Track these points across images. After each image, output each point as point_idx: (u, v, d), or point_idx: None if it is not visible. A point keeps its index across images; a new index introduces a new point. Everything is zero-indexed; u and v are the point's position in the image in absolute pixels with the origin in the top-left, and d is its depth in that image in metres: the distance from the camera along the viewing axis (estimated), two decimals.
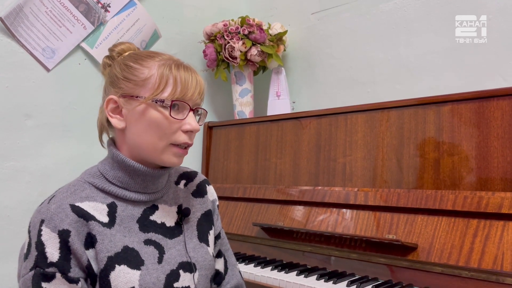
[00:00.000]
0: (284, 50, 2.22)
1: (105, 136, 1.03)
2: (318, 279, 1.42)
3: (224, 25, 2.10)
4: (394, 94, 1.87)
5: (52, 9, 1.80)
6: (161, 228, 0.99)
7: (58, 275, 0.85)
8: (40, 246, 0.85)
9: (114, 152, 0.96)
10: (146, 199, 0.98)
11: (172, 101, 0.92)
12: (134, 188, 0.97)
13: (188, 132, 0.95)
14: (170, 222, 1.01)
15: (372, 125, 1.59)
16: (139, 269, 0.91)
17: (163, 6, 2.14)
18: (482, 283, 1.20)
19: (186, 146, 0.96)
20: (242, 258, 1.70)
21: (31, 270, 0.86)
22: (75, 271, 0.87)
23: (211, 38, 2.16)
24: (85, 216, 0.89)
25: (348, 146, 1.65)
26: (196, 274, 1.00)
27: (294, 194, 1.73)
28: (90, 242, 0.89)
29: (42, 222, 0.86)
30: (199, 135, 2.19)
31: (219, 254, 1.14)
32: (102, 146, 1.03)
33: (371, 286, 1.34)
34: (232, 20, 2.12)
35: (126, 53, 1.00)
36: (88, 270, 0.89)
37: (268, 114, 2.13)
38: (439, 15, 1.76)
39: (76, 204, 0.90)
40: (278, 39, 2.14)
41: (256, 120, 2.00)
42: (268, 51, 2.09)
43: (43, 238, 0.85)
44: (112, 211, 0.94)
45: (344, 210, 1.57)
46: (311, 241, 1.60)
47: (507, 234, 1.21)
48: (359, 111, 1.63)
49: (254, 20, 2.10)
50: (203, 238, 1.05)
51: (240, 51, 2.07)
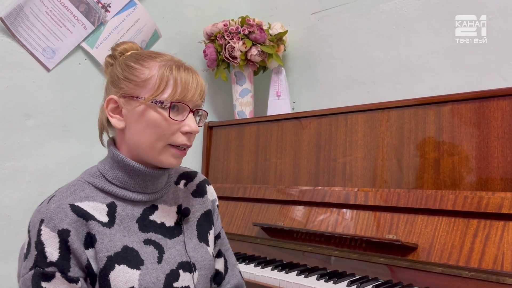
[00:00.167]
0: (284, 50, 2.22)
1: (105, 136, 1.03)
2: (318, 279, 1.42)
3: (224, 25, 2.10)
4: (394, 94, 1.87)
5: (52, 9, 1.80)
6: (160, 228, 0.99)
7: (58, 274, 0.86)
8: (40, 245, 0.85)
9: (114, 152, 0.96)
10: (146, 199, 0.98)
11: (172, 102, 0.92)
12: (133, 188, 0.97)
13: (187, 134, 0.95)
14: (170, 222, 1.01)
15: (372, 125, 1.59)
16: (138, 268, 0.91)
17: (163, 6, 2.14)
18: (482, 283, 1.20)
19: (185, 148, 0.96)
20: (242, 258, 1.70)
21: (30, 269, 0.86)
22: (74, 271, 0.87)
23: (211, 38, 2.16)
24: (84, 215, 0.89)
25: (348, 146, 1.65)
26: (195, 274, 1.00)
27: (294, 194, 1.73)
28: (90, 241, 0.89)
29: (42, 221, 0.86)
30: (199, 135, 2.19)
31: (219, 254, 1.14)
32: (103, 145, 1.03)
33: (371, 286, 1.34)
34: (232, 20, 2.12)
35: (129, 52, 1.00)
36: (87, 270, 0.89)
37: (268, 114, 2.12)
38: (439, 15, 1.76)
39: (76, 203, 0.90)
40: (278, 39, 2.14)
41: (256, 120, 2.00)
42: (268, 51, 2.09)
43: (43, 238, 0.85)
44: (111, 211, 0.94)
45: (344, 210, 1.57)
46: (311, 241, 1.60)
47: (507, 234, 1.21)
48: (359, 111, 1.63)
49: (254, 20, 2.10)
50: (203, 238, 1.05)
51: (240, 51, 2.07)
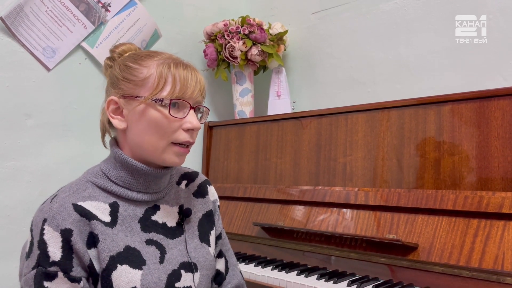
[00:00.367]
0: (285, 50, 2.22)
1: (107, 138, 1.02)
2: (318, 279, 1.42)
3: (224, 24, 2.10)
4: (394, 94, 1.87)
5: (52, 8, 1.80)
6: (162, 228, 0.99)
7: (60, 274, 0.85)
8: (43, 245, 0.85)
9: (117, 151, 0.96)
10: (148, 199, 0.98)
11: (171, 99, 0.92)
12: (136, 188, 0.97)
13: (189, 131, 0.95)
14: (172, 222, 1.01)
15: (373, 125, 1.59)
16: (140, 269, 0.91)
17: (164, 6, 2.14)
18: (483, 283, 1.20)
19: (188, 145, 0.96)
20: (243, 258, 1.70)
21: (33, 269, 0.86)
22: (77, 270, 0.87)
23: (212, 38, 2.16)
24: (87, 215, 0.89)
25: (348, 146, 1.65)
26: (197, 274, 1.00)
27: (294, 194, 1.73)
28: (92, 241, 0.89)
29: (45, 221, 0.86)
30: (199, 135, 2.19)
31: (220, 254, 1.14)
32: (105, 147, 1.02)
33: (371, 286, 1.34)
34: (233, 19, 2.12)
35: (127, 53, 1.00)
36: (90, 270, 0.89)
37: (269, 114, 2.12)
38: (439, 15, 1.76)
39: (79, 203, 0.90)
40: (279, 38, 2.14)
41: (257, 120, 2.00)
42: (269, 50, 2.09)
43: (46, 237, 0.85)
44: (114, 210, 0.94)
45: (344, 210, 1.57)
46: (311, 241, 1.60)
47: (507, 234, 1.21)
48: (359, 111, 1.64)
49: (254, 19, 2.10)
50: (204, 238, 1.05)
51: (241, 51, 2.07)
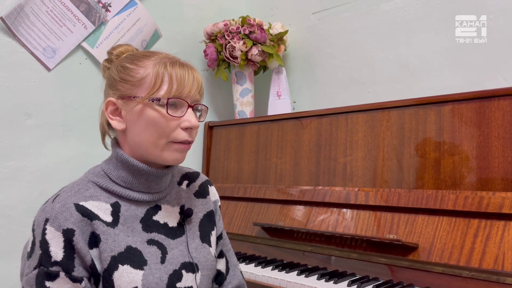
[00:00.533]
0: (285, 50, 2.22)
1: (107, 139, 1.02)
2: (318, 279, 1.42)
3: (224, 24, 2.10)
4: (394, 94, 1.87)
5: (53, 8, 1.80)
6: (163, 228, 0.99)
7: (62, 274, 0.86)
8: (44, 245, 0.85)
9: (118, 152, 0.96)
10: (149, 199, 0.98)
11: (168, 99, 0.92)
12: (137, 188, 0.97)
13: (187, 129, 0.94)
14: (173, 223, 1.01)
15: (373, 125, 1.59)
16: (142, 269, 0.91)
17: (164, 6, 2.14)
18: (483, 283, 1.20)
19: (188, 143, 0.96)
20: (243, 258, 1.70)
21: (35, 268, 0.86)
22: (79, 270, 0.87)
23: (212, 38, 2.16)
24: (89, 215, 0.89)
25: (348, 146, 1.65)
26: (198, 274, 1.00)
27: (294, 194, 1.73)
28: (94, 241, 0.89)
29: (47, 221, 0.86)
30: (199, 135, 2.19)
31: (220, 255, 1.14)
32: (106, 148, 1.02)
33: (371, 286, 1.34)
34: (233, 19, 2.12)
35: (124, 55, 1.00)
36: (91, 270, 0.89)
37: (269, 114, 2.12)
38: (439, 15, 1.76)
39: (80, 203, 0.90)
40: (279, 39, 2.15)
41: (257, 120, 2.00)
42: (269, 51, 2.09)
43: (48, 237, 0.85)
44: (115, 210, 0.94)
45: (344, 210, 1.57)
46: (311, 241, 1.60)
47: (508, 234, 1.21)
48: (359, 111, 1.64)
49: (254, 20, 2.10)
50: (205, 238, 1.06)
51: (241, 51, 2.07)
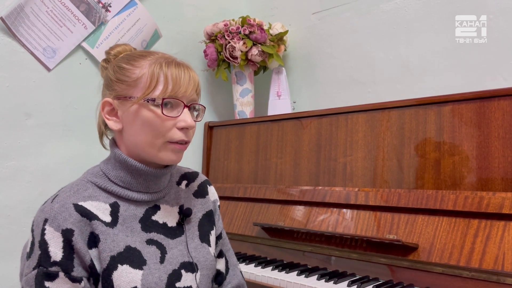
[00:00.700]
0: (285, 50, 2.22)
1: (105, 139, 1.02)
2: (318, 279, 1.42)
3: (224, 25, 2.10)
4: (394, 94, 1.87)
5: (53, 8, 1.80)
6: (163, 228, 0.99)
7: (61, 274, 0.86)
8: (44, 245, 0.85)
9: (117, 152, 0.96)
10: (148, 199, 0.98)
11: (163, 99, 0.92)
12: (136, 188, 0.97)
13: (183, 129, 0.94)
14: (172, 222, 1.01)
15: (373, 125, 1.59)
16: (141, 268, 0.91)
17: (164, 6, 2.14)
18: (483, 283, 1.20)
19: (184, 143, 0.96)
20: (243, 258, 1.70)
21: (34, 269, 0.86)
22: (78, 271, 0.87)
23: (212, 38, 2.16)
24: (88, 215, 0.89)
25: (348, 146, 1.65)
26: (198, 274, 1.00)
27: (294, 194, 1.73)
28: (93, 241, 0.89)
29: (46, 221, 0.86)
30: (199, 135, 2.19)
31: (220, 254, 1.14)
32: (104, 148, 1.03)
33: (371, 286, 1.34)
34: (233, 20, 2.12)
35: (122, 54, 0.99)
36: (91, 270, 0.89)
37: (269, 114, 2.12)
38: (439, 15, 1.76)
39: (79, 203, 0.90)
40: (279, 39, 2.14)
41: (257, 120, 2.00)
42: (269, 51, 2.09)
43: (47, 237, 0.85)
44: (114, 210, 0.94)
45: (344, 210, 1.57)
46: (311, 241, 1.60)
47: (508, 234, 1.21)
48: (359, 111, 1.64)
49: (255, 20, 2.10)
50: (204, 238, 1.05)
51: (241, 51, 2.07)
